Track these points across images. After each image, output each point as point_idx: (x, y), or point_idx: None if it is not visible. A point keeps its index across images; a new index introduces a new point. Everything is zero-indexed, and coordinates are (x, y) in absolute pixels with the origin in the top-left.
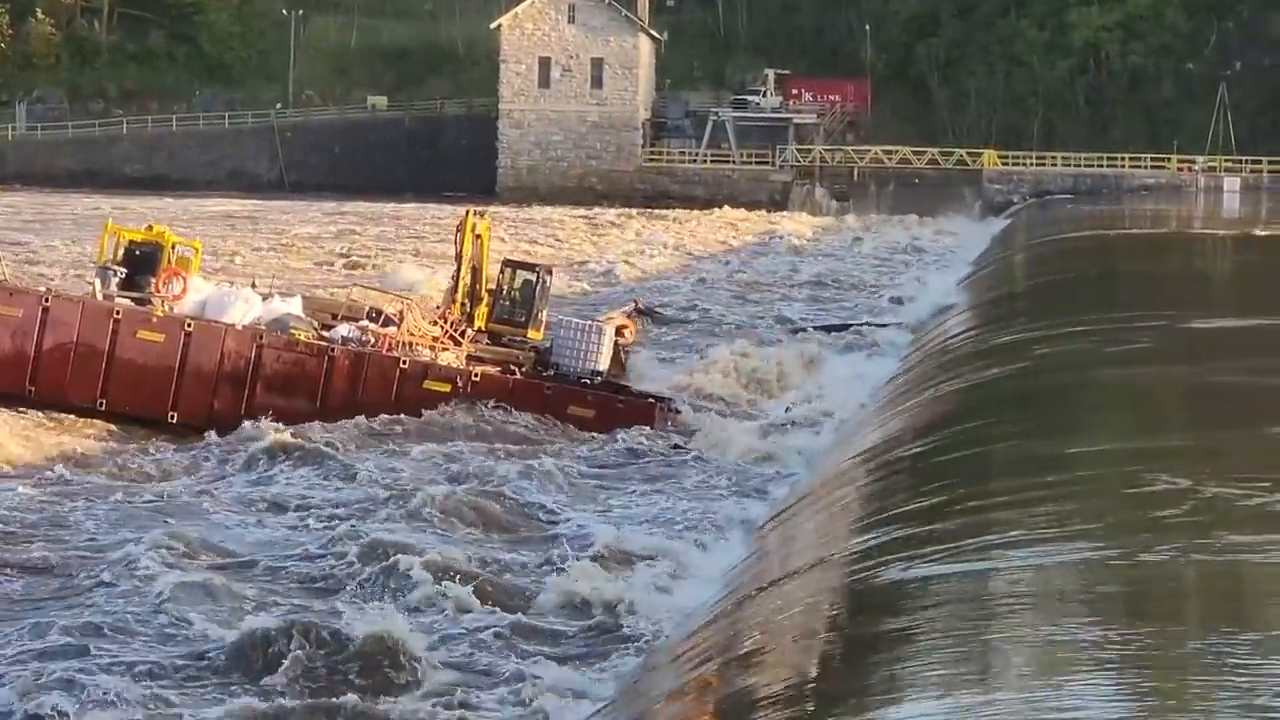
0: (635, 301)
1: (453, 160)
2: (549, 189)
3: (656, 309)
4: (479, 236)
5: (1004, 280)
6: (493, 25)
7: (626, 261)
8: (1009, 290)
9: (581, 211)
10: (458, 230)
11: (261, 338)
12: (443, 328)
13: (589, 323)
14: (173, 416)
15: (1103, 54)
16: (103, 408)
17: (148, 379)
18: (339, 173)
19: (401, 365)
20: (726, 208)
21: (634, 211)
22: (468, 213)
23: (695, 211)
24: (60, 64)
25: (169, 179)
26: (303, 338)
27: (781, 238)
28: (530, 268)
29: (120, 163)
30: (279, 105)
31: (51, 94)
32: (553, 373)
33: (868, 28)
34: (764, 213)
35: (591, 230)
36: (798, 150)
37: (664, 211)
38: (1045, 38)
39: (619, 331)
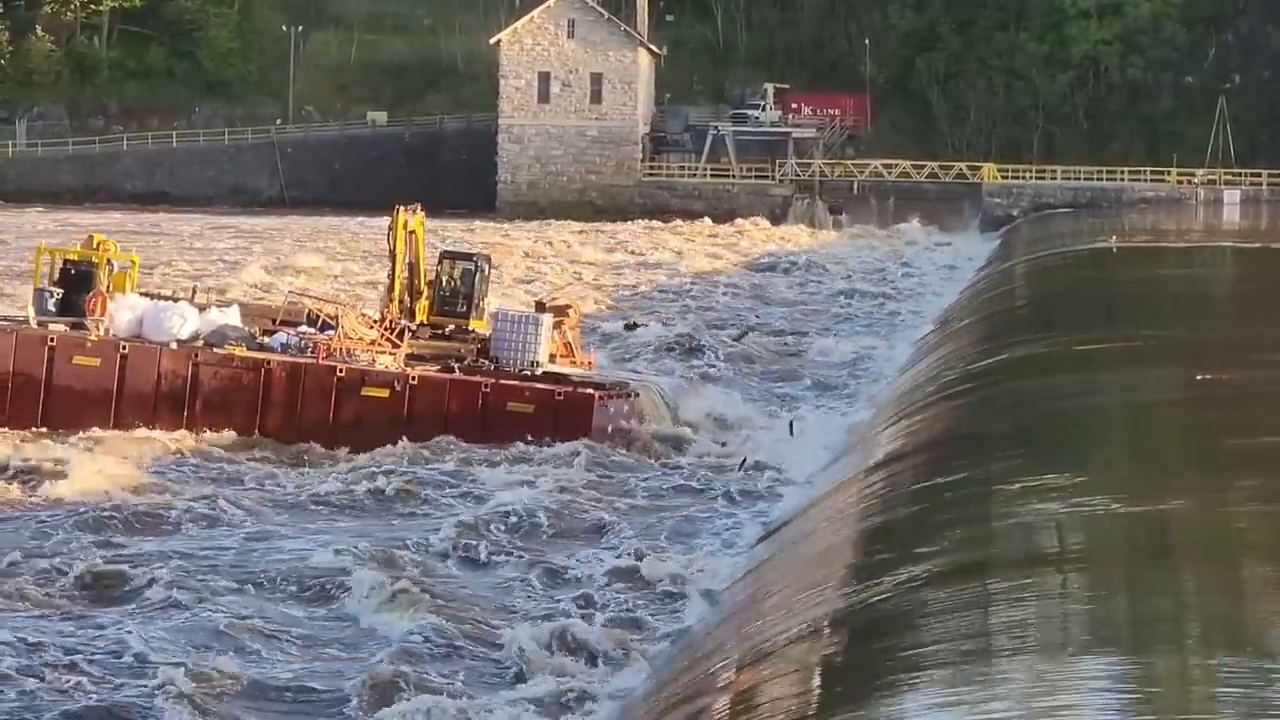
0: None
1: (453, 175)
2: (549, 203)
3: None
4: (412, 232)
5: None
6: (492, 40)
7: None
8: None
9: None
10: (390, 228)
11: (197, 355)
12: (379, 330)
13: (526, 314)
14: None
15: (1102, 67)
16: None
17: (87, 404)
18: (339, 188)
19: (339, 374)
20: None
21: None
22: (397, 209)
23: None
24: (61, 80)
25: (170, 195)
26: (237, 353)
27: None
28: (469, 257)
29: (121, 179)
30: (279, 121)
31: (52, 110)
32: (493, 366)
33: (867, 42)
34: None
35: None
36: (797, 164)
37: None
38: (1044, 51)
39: (563, 312)
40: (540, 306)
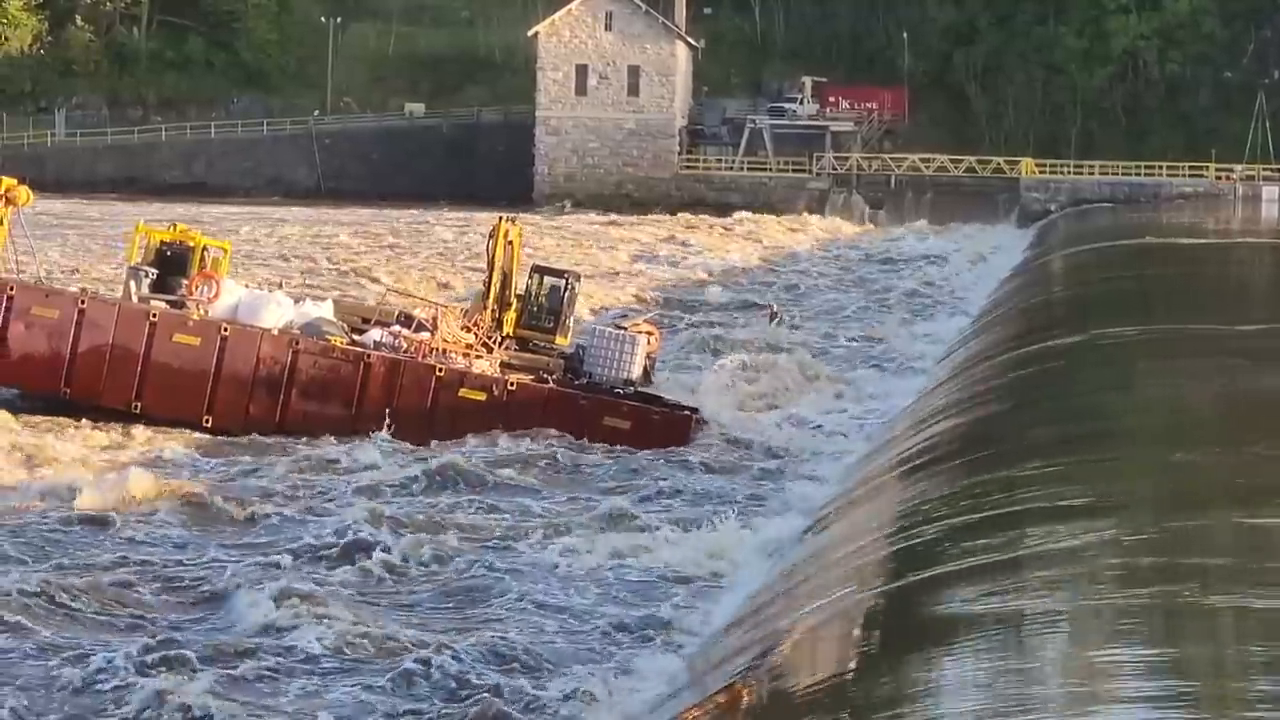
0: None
1: (490, 167)
2: (586, 196)
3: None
4: (510, 243)
5: None
6: (530, 32)
7: None
8: None
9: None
10: (490, 236)
11: (297, 343)
12: (476, 335)
13: (622, 332)
14: (208, 421)
15: (1141, 62)
16: (138, 411)
17: (183, 383)
18: (377, 180)
19: (438, 373)
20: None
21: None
22: (500, 219)
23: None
24: (99, 71)
25: (208, 186)
26: (338, 344)
27: None
28: (559, 274)
29: (159, 169)
30: (316, 112)
31: (91, 101)
32: (585, 381)
33: (905, 35)
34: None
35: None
36: (835, 158)
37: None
38: (1083, 46)
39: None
40: (620, 328)
